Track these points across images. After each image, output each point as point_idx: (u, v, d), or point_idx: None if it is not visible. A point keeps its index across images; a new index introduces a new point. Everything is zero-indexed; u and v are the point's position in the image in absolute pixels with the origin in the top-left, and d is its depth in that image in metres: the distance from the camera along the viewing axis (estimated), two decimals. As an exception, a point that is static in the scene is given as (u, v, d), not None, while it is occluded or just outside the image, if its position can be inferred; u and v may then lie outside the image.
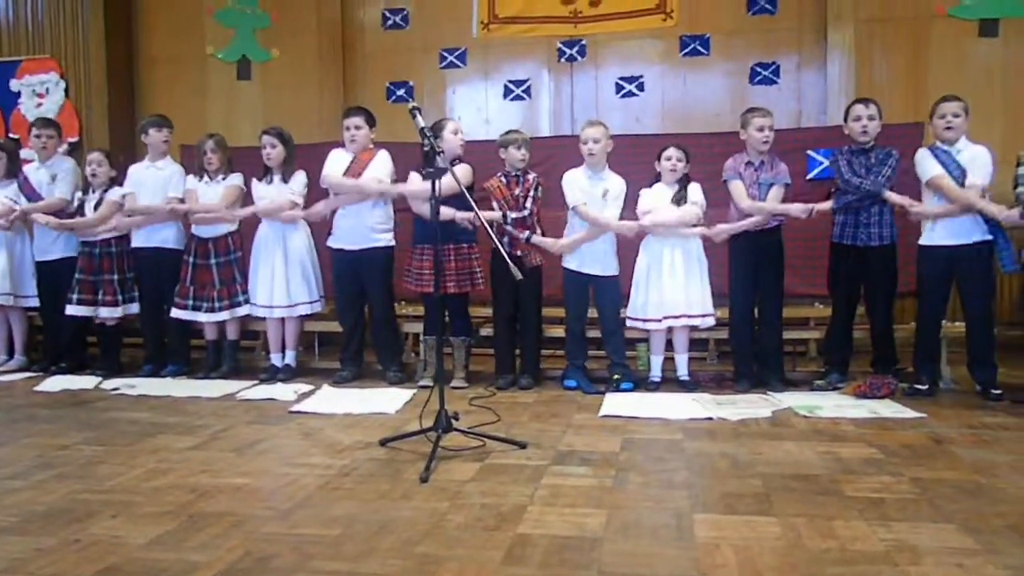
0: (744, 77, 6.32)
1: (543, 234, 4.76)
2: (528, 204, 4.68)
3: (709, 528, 2.39)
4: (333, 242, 4.96)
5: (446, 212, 4.45)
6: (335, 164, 4.86)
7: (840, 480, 2.86)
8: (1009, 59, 5.95)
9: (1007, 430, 3.60)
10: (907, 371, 4.56)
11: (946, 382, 4.61)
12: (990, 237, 4.23)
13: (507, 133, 4.83)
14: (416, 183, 4.67)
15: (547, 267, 4.87)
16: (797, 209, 4.50)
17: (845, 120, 4.58)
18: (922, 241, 4.39)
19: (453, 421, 3.30)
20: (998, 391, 4.24)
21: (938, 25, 6.05)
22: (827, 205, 4.55)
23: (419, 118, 3.29)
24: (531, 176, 4.76)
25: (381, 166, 4.84)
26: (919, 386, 4.40)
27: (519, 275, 3.33)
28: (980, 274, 4.28)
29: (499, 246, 3.42)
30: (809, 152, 5.64)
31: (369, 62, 6.87)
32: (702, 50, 6.33)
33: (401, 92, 6.75)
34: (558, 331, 5.04)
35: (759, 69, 6.29)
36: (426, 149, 3.23)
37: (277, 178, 5.02)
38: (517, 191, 4.70)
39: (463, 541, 2.33)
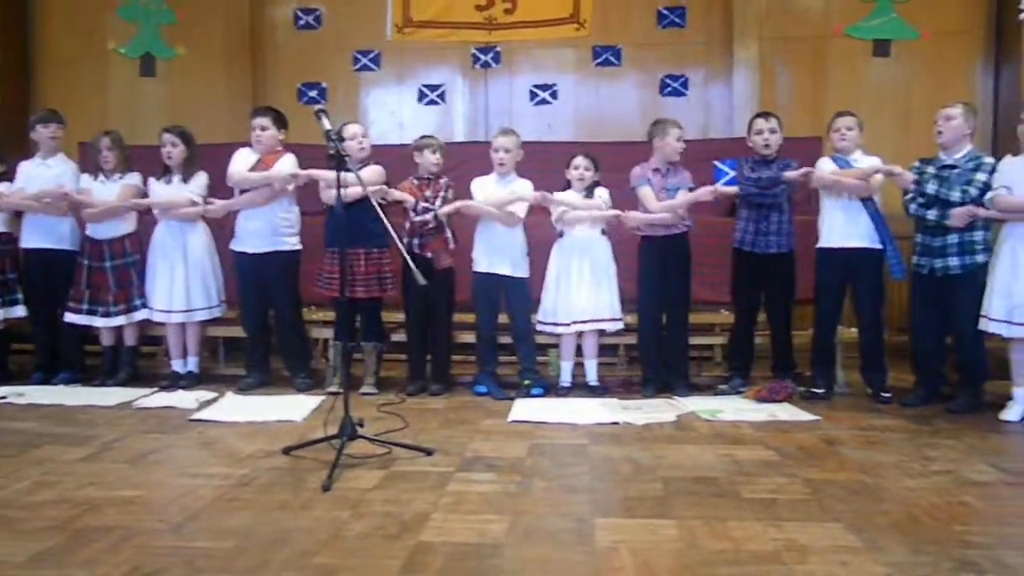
0: (654, 88, 6.46)
1: (453, 236, 4.72)
2: (438, 204, 4.65)
3: (609, 532, 2.42)
4: (236, 245, 4.83)
5: (355, 190, 4.30)
6: (240, 162, 4.73)
7: (737, 482, 2.94)
8: (900, 78, 6.27)
9: (894, 432, 3.77)
10: (805, 375, 4.74)
11: (841, 386, 4.80)
12: (881, 246, 4.44)
13: (422, 138, 4.81)
14: (326, 171, 4.54)
15: (458, 272, 4.85)
16: (704, 192, 4.60)
17: (748, 133, 4.72)
18: (819, 244, 4.57)
19: (358, 428, 3.25)
20: (888, 394, 4.45)
21: (836, 44, 6.33)
22: (732, 189, 4.68)
23: (324, 121, 3.24)
24: (443, 180, 4.74)
25: (287, 168, 4.72)
26: (815, 390, 4.57)
27: (422, 281, 3.31)
28: (871, 281, 4.48)
29: (402, 247, 3.38)
30: (716, 163, 5.80)
31: (280, 62, 6.73)
32: (614, 61, 6.45)
33: (313, 93, 6.64)
34: (470, 336, 5.04)
35: (669, 81, 6.44)
36: (331, 152, 3.18)
37: (177, 178, 4.84)
38: (428, 192, 4.68)
39: (362, 550, 2.30)
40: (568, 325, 4.66)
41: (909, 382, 4.53)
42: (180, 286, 4.82)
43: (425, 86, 6.66)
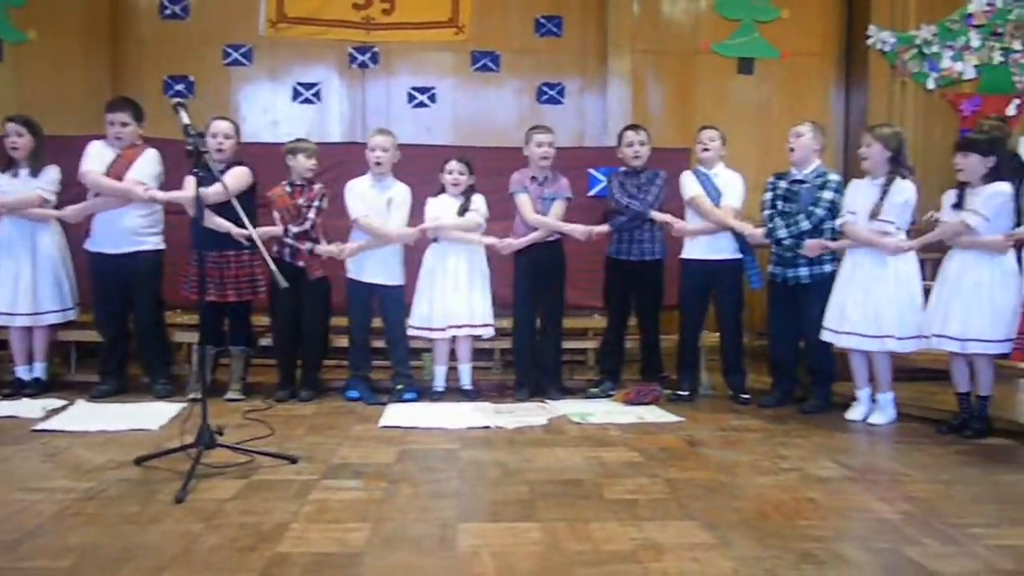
0: (532, 95, 6.54)
1: (328, 244, 4.63)
2: (311, 215, 4.53)
3: (472, 536, 2.42)
4: (92, 245, 4.54)
5: (223, 225, 4.28)
6: (95, 160, 4.44)
7: (601, 483, 3.00)
8: (762, 95, 6.60)
9: (751, 432, 3.94)
10: (672, 379, 4.90)
11: (705, 388, 5.00)
12: (740, 256, 4.65)
13: (296, 141, 4.67)
14: (191, 189, 4.37)
15: (333, 276, 4.75)
16: (578, 231, 4.70)
17: (619, 145, 4.85)
18: (683, 255, 4.75)
19: (217, 436, 3.12)
20: (746, 396, 4.66)
21: (704, 60, 6.59)
22: (604, 228, 4.80)
23: (183, 114, 3.09)
24: (316, 187, 4.62)
25: (147, 166, 4.48)
26: (681, 392, 4.74)
27: (283, 283, 3.22)
28: (732, 289, 4.70)
29: (263, 250, 3.27)
30: (590, 170, 5.91)
31: (144, 52, 6.39)
32: (492, 66, 6.48)
33: (180, 87, 6.35)
34: (343, 341, 4.94)
35: (546, 89, 6.53)
36: (188, 148, 3.03)
37: (24, 171, 4.52)
38: (300, 200, 4.55)
39: (214, 564, 2.20)
40: (442, 330, 4.64)
41: (767, 384, 4.76)
42: (26, 287, 4.50)
43: (300, 84, 6.49)
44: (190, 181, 4.39)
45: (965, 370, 3.90)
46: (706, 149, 4.70)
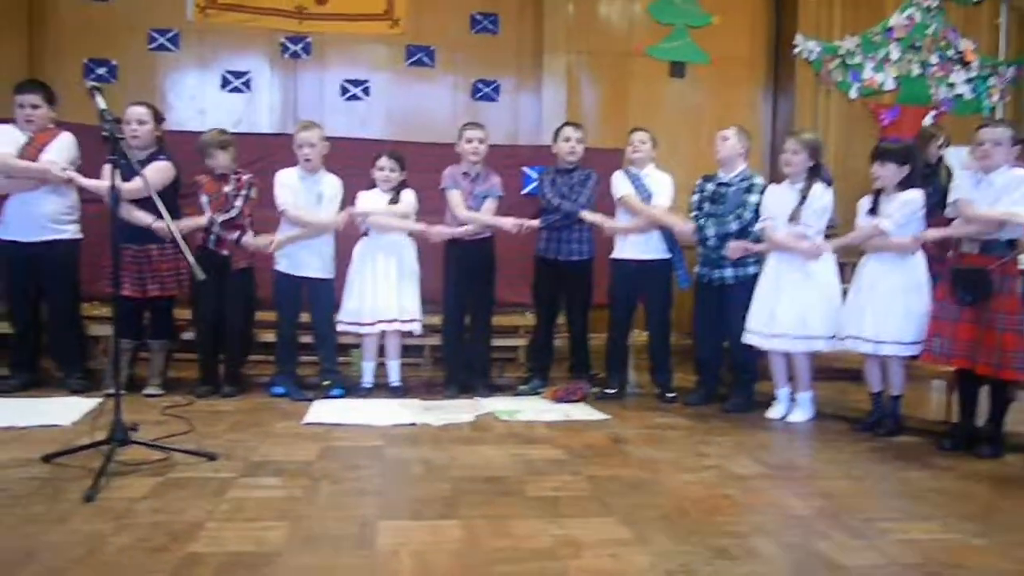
0: (467, 92, 6.51)
1: (255, 235, 4.54)
2: (238, 203, 4.43)
3: (392, 535, 2.39)
4: (4, 233, 4.35)
5: (142, 219, 4.17)
6: (5, 143, 4.24)
7: (525, 481, 3.01)
8: (694, 99, 6.71)
9: (675, 429, 4.01)
10: (600, 376, 4.95)
11: (632, 386, 5.06)
12: (669, 256, 4.73)
13: (222, 134, 4.52)
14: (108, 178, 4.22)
15: (260, 269, 4.66)
16: (508, 223, 4.71)
17: (555, 140, 4.87)
18: (613, 255, 4.80)
19: (131, 433, 3.02)
20: (672, 394, 4.74)
21: (637, 63, 6.67)
22: (536, 223, 4.82)
23: (99, 98, 2.98)
24: (245, 176, 4.52)
25: (62, 150, 4.31)
26: (608, 390, 4.79)
27: (200, 275, 3.14)
28: (661, 289, 4.77)
29: (184, 247, 3.18)
30: (524, 168, 5.95)
31: (64, 33, 6.13)
32: (427, 61, 6.44)
33: (102, 71, 6.12)
34: (269, 336, 4.85)
35: (481, 86, 6.52)
36: (104, 135, 2.93)
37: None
38: (227, 188, 4.44)
39: (121, 566, 2.13)
40: (372, 325, 4.59)
41: (693, 382, 4.85)
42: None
43: (229, 72, 6.32)
44: (107, 170, 4.26)
45: (878, 371, 4.05)
46: (637, 150, 4.76)
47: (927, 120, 6.56)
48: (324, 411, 4.13)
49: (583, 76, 6.62)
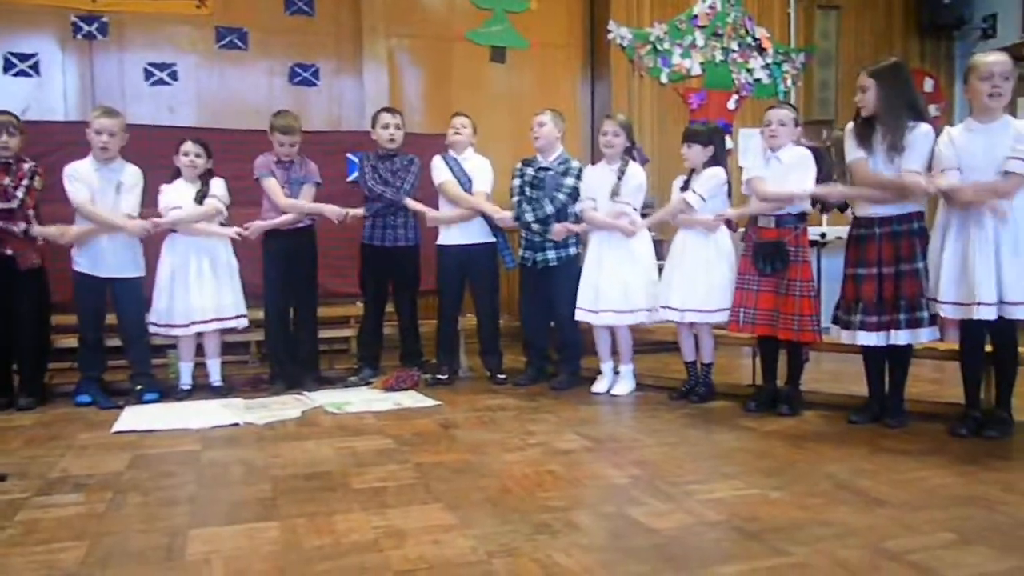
0: (284, 76, 6.27)
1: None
2: (19, 194, 4.04)
3: (203, 543, 2.27)
4: None
5: None
6: None
7: (350, 474, 2.95)
8: (515, 84, 6.80)
9: (505, 411, 4.07)
10: (431, 363, 4.94)
11: (464, 371, 5.10)
12: (494, 239, 4.77)
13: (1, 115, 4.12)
14: None
15: (56, 268, 4.29)
16: (332, 211, 4.59)
17: (374, 127, 4.79)
18: (438, 241, 4.80)
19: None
20: (503, 376, 4.81)
21: (460, 47, 6.66)
22: (360, 212, 4.72)
23: None
24: (26, 165, 4.13)
25: None
26: (440, 376, 4.80)
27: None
28: (486, 272, 4.81)
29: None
30: (348, 155, 5.81)
31: None
32: (240, 44, 6.13)
33: None
34: (72, 341, 4.48)
35: (299, 70, 6.29)
36: None
37: None
38: (7, 180, 4.04)
39: None
40: (186, 326, 4.35)
41: (523, 363, 4.94)
42: None
43: (13, 54, 5.74)
44: None
45: (691, 340, 4.29)
46: (457, 134, 4.77)
47: (731, 104, 6.99)
48: (136, 417, 3.88)
49: (404, 60, 6.55)
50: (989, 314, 3.20)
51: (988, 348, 3.42)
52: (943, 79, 7.75)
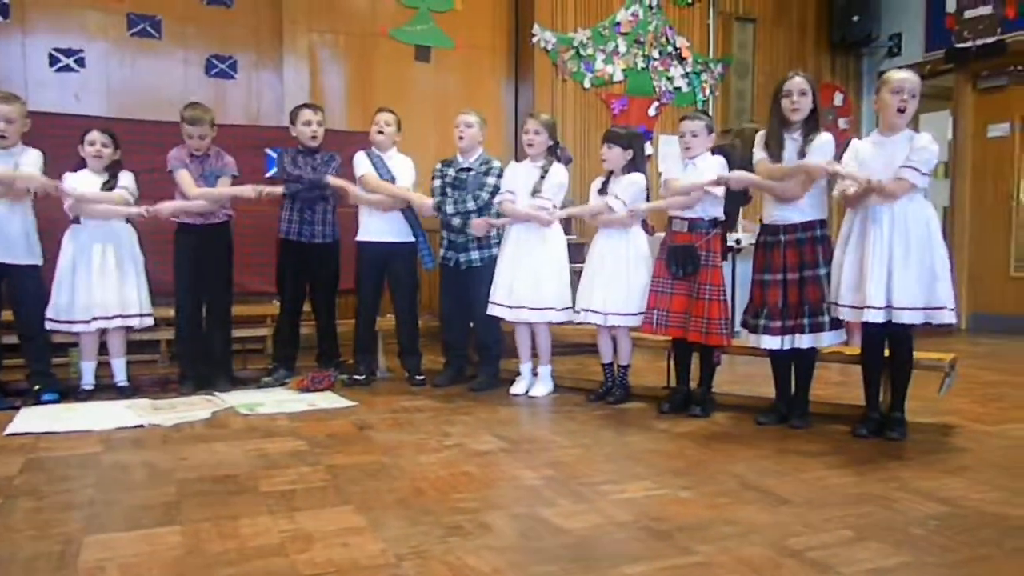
0: (200, 67, 6.10)
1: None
2: None
3: (99, 550, 2.17)
4: None
5: None
6: None
7: (259, 476, 2.88)
8: (439, 84, 6.78)
9: (421, 412, 4.04)
10: (348, 363, 4.87)
11: (382, 371, 5.04)
12: (414, 239, 4.74)
13: None
14: None
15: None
16: (246, 190, 4.43)
17: (294, 123, 4.69)
18: (358, 237, 4.74)
19: None
20: (421, 376, 4.78)
21: (383, 44, 6.61)
22: (278, 189, 4.59)
23: None
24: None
25: None
26: (357, 376, 4.73)
27: None
28: (406, 271, 4.78)
29: None
30: (267, 150, 5.69)
31: None
32: (153, 32, 5.93)
33: None
34: (-37, 338, 4.24)
35: (216, 62, 6.13)
36: None
37: None
38: None
39: None
40: (87, 323, 4.17)
41: (442, 364, 4.91)
42: None
43: (-98, 34, 5.44)
44: None
45: (609, 342, 4.34)
46: (381, 131, 4.72)
47: (652, 110, 7.13)
48: (33, 419, 3.71)
49: (326, 56, 6.45)
50: (877, 317, 3.34)
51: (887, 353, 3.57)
52: (851, 94, 8.08)
